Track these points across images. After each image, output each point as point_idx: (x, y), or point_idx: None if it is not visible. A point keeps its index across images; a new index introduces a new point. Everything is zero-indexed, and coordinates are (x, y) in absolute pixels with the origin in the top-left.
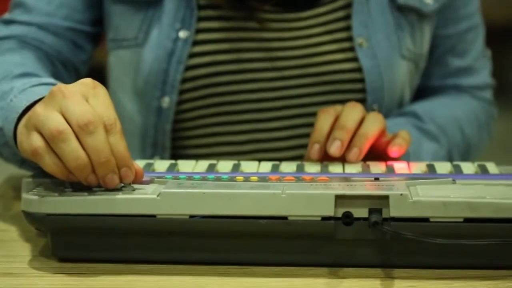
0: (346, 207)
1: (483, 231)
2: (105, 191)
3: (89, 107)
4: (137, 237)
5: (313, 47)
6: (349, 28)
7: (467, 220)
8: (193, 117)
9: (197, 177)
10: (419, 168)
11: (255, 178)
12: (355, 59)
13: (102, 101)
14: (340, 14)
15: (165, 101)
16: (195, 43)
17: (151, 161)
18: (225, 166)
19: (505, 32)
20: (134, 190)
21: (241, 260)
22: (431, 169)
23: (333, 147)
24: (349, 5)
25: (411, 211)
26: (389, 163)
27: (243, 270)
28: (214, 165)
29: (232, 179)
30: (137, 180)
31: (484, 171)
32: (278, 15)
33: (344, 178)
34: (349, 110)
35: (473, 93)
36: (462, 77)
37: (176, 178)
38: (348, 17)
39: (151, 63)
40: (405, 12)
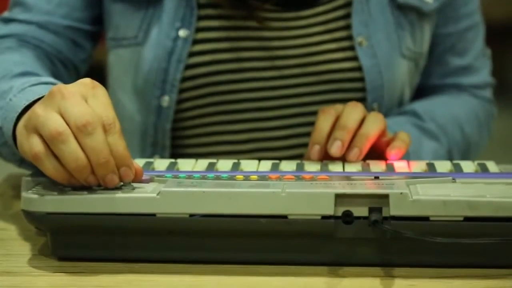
0: (346, 206)
1: (483, 230)
2: (105, 190)
3: (87, 107)
4: (137, 236)
5: (313, 46)
6: (349, 27)
7: (467, 219)
8: (193, 116)
9: (197, 176)
10: (419, 167)
11: (255, 177)
12: (355, 58)
13: (101, 101)
14: (340, 13)
15: (165, 100)
16: (195, 42)
17: (151, 160)
18: (225, 165)
19: (505, 31)
20: (133, 189)
21: (241, 259)
22: (431, 168)
23: (334, 147)
24: (349, 4)
25: (411, 210)
26: (389, 162)
27: (243, 269)
28: (214, 164)
29: (232, 178)
30: (137, 178)
31: (484, 170)
32: (278, 14)
33: (344, 177)
34: (350, 110)
35: (473, 92)
36: (462, 76)
37: (176, 177)
38: (348, 16)
39: (151, 62)
40: (405, 11)
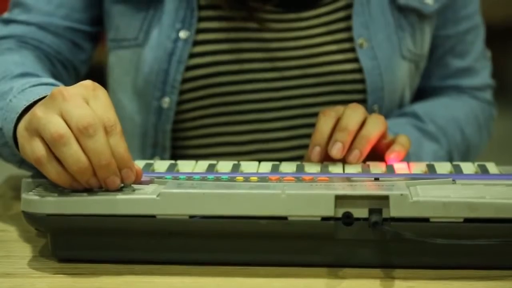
0: (346, 207)
1: (483, 231)
2: (105, 191)
3: (89, 109)
4: (137, 238)
5: (314, 48)
6: (349, 28)
7: (467, 220)
8: (194, 118)
9: (197, 177)
10: (419, 168)
11: (255, 178)
12: (356, 60)
13: (102, 103)
14: (340, 14)
15: (165, 102)
16: (196, 43)
17: (151, 161)
18: (225, 166)
19: (505, 32)
20: (134, 190)
21: (241, 260)
22: (431, 169)
23: (335, 149)
24: (350, 6)
25: (411, 211)
26: (389, 163)
27: (243, 270)
28: (214, 165)
29: (232, 180)
30: (136, 180)
31: (484, 171)
32: (279, 15)
33: (344, 178)
34: (351, 112)
35: (473, 93)
36: (462, 77)
37: (176, 178)
38: (348, 18)
39: (151, 63)
40: (405, 12)
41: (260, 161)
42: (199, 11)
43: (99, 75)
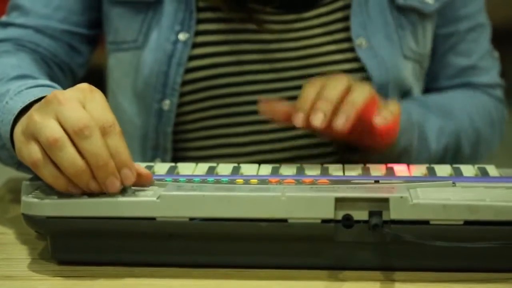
0: (346, 210)
1: (483, 234)
2: (105, 193)
3: (83, 112)
4: (137, 240)
5: (314, 48)
6: (348, 29)
7: (467, 222)
8: (194, 120)
9: (197, 179)
10: (419, 170)
11: (255, 180)
12: (355, 60)
13: (99, 104)
14: (339, 15)
15: (166, 104)
16: (195, 45)
17: (151, 163)
18: (225, 168)
19: (506, 34)
20: (133, 192)
21: (241, 262)
22: (431, 171)
23: (316, 118)
24: (348, 7)
25: (411, 213)
26: (389, 166)
27: (243, 272)
28: (214, 167)
29: (232, 182)
30: (147, 183)
31: (484, 173)
32: (278, 16)
33: (344, 180)
34: (333, 81)
35: (486, 90)
36: (471, 76)
37: (176, 180)
38: (347, 19)
39: (151, 66)
40: (405, 12)
41: (260, 162)
42: (197, 13)
43: (99, 78)
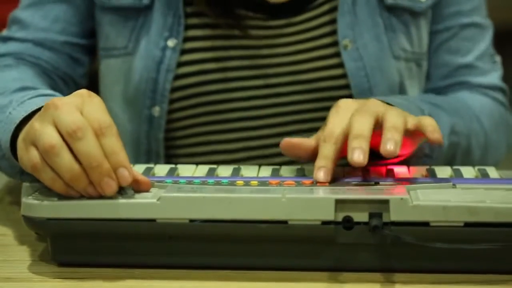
0: (346, 211)
1: (483, 235)
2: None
3: (77, 115)
4: (137, 242)
5: (303, 53)
6: (335, 32)
7: (467, 224)
8: (185, 126)
9: (197, 181)
10: (419, 172)
11: (255, 182)
12: (340, 65)
13: (96, 107)
14: (327, 18)
15: (156, 110)
16: (183, 52)
17: (151, 165)
18: (225, 170)
19: (505, 36)
20: (134, 194)
21: (241, 264)
22: (431, 173)
23: (356, 157)
24: (336, 9)
25: (412, 215)
26: (389, 167)
27: (243, 274)
28: (214, 169)
29: (232, 184)
30: (145, 190)
31: (484, 175)
32: (267, 22)
33: (344, 182)
34: (361, 114)
35: (484, 91)
36: (468, 75)
37: (176, 182)
38: (334, 21)
39: (140, 72)
40: (396, 12)
41: None
42: (186, 19)
43: (95, 84)
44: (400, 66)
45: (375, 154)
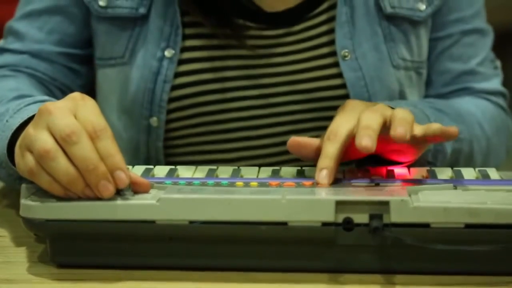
0: (346, 213)
1: (484, 237)
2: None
3: (71, 118)
4: (136, 243)
5: (301, 63)
6: (333, 42)
7: (468, 226)
8: (183, 136)
9: (196, 182)
10: (420, 173)
11: (255, 183)
12: (339, 75)
13: (90, 110)
14: (326, 27)
15: (154, 121)
16: (181, 62)
17: (151, 166)
18: (225, 171)
19: (505, 38)
20: (133, 195)
21: (241, 266)
22: (432, 174)
23: (365, 142)
24: (334, 19)
25: (412, 216)
26: (390, 168)
27: (243, 276)
28: (214, 170)
29: (232, 185)
30: (143, 191)
31: (485, 176)
32: (266, 31)
33: (344, 183)
34: (368, 112)
35: (486, 97)
36: (469, 81)
37: (175, 183)
38: (332, 31)
39: (137, 82)
40: (395, 21)
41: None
42: (183, 29)
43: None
44: (399, 75)
45: (380, 161)
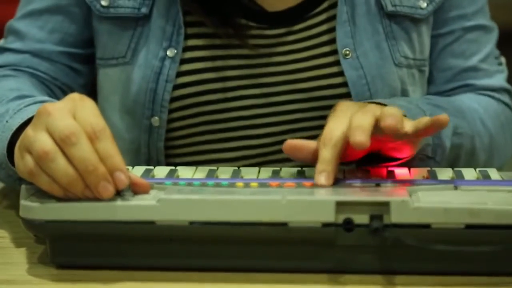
0: (346, 213)
1: (485, 237)
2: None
3: (70, 120)
4: (136, 244)
5: (302, 62)
6: (334, 41)
7: (469, 226)
8: (185, 135)
9: (196, 183)
10: (420, 174)
11: (255, 184)
12: (340, 74)
13: (89, 111)
14: (325, 27)
15: (155, 120)
16: (183, 62)
17: (151, 167)
18: (225, 172)
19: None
20: (133, 196)
21: (241, 266)
22: (432, 175)
23: (358, 138)
24: (334, 18)
25: (412, 217)
26: (390, 169)
27: (243, 276)
28: (214, 171)
29: (232, 185)
30: (143, 192)
31: (485, 177)
32: (268, 30)
33: (344, 184)
34: (360, 114)
35: (490, 94)
36: (471, 77)
37: (175, 184)
38: (333, 30)
39: (139, 82)
40: (397, 19)
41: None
42: (186, 29)
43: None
44: (402, 73)
45: (376, 158)
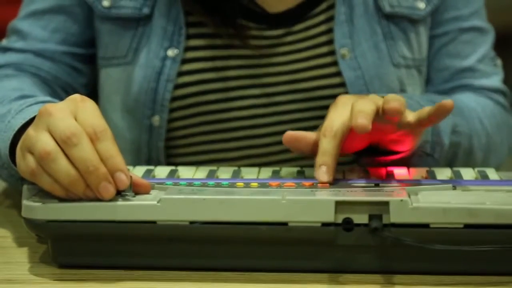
0: (346, 213)
1: (483, 237)
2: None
3: (71, 120)
4: (137, 244)
5: (302, 62)
6: (333, 41)
7: (467, 226)
8: (185, 135)
9: (197, 183)
10: (419, 174)
11: (255, 184)
12: (338, 74)
13: (90, 112)
14: (323, 28)
15: (156, 120)
16: (184, 62)
17: (151, 167)
18: (225, 172)
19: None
20: (134, 196)
21: (241, 266)
22: (431, 175)
23: (360, 121)
24: (332, 18)
25: (411, 217)
26: (390, 169)
27: (243, 276)
28: (214, 171)
29: (232, 185)
30: (144, 192)
31: (484, 177)
32: (267, 31)
33: (344, 184)
34: (362, 100)
35: (486, 94)
36: (468, 78)
37: (176, 184)
38: (331, 31)
39: (140, 82)
40: (395, 20)
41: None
42: (187, 29)
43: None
44: (400, 73)
45: (377, 151)
